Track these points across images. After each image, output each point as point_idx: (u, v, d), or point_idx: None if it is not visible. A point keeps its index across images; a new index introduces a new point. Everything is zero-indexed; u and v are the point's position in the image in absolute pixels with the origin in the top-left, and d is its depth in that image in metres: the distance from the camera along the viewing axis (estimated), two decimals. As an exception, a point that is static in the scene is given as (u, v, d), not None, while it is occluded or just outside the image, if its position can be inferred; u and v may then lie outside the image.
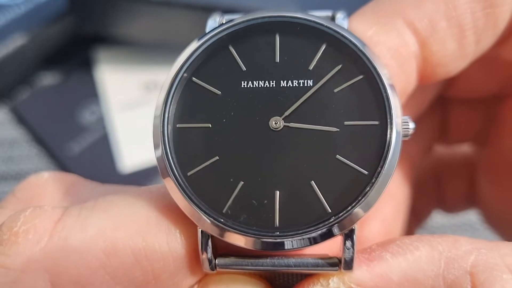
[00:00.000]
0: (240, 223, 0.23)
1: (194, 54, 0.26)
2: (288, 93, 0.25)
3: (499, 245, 0.24)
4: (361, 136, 0.24)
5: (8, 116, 0.70)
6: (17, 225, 0.23)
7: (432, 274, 0.23)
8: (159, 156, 0.25)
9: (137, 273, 0.23)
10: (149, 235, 0.23)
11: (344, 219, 0.23)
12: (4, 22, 0.68)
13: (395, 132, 0.24)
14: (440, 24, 0.28)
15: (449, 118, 0.42)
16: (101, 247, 0.23)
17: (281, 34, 0.26)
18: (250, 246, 0.24)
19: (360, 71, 0.25)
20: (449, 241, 0.24)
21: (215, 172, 0.24)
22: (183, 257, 0.24)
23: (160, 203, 0.24)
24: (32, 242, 0.23)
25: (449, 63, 0.29)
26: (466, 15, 0.28)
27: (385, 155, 0.24)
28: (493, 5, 0.28)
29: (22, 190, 0.30)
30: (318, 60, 0.26)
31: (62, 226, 0.23)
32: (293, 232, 0.23)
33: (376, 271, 0.24)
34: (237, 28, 0.26)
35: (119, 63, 0.74)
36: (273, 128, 0.25)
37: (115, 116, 0.69)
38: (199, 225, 0.24)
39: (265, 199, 0.24)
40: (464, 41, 0.28)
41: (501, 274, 0.23)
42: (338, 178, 0.24)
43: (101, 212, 0.24)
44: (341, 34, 0.26)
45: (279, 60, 0.26)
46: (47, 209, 0.24)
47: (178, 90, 0.25)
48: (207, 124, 0.25)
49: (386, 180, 0.24)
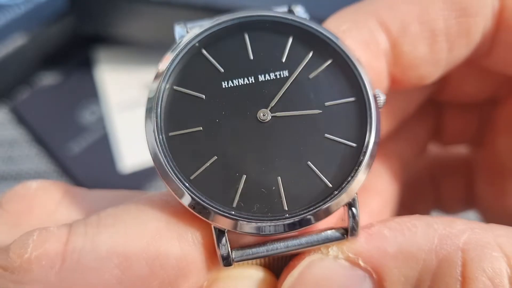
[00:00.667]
0: (254, 212, 0.25)
1: (171, 64, 0.27)
2: (268, 86, 0.27)
3: (493, 227, 0.25)
4: (342, 113, 0.27)
5: (8, 116, 0.70)
6: (27, 252, 0.23)
7: (425, 249, 0.24)
8: (160, 166, 0.25)
9: (153, 283, 0.24)
10: (161, 244, 0.24)
11: (345, 190, 0.25)
12: (4, 22, 0.68)
13: (372, 104, 0.26)
14: (412, 26, 0.29)
15: (443, 120, 0.43)
16: (115, 263, 0.23)
17: (249, 33, 0.28)
18: (265, 232, 0.25)
19: (329, 56, 0.27)
20: (445, 221, 0.26)
21: (217, 171, 0.25)
22: (197, 258, 0.25)
23: (166, 211, 0.25)
24: (46, 268, 0.23)
25: (420, 66, 0.30)
26: (439, 21, 0.29)
27: (369, 126, 0.26)
28: (466, 15, 0.29)
29: (10, 202, 0.29)
30: (288, 51, 0.27)
31: (72, 248, 0.23)
32: (301, 211, 0.25)
33: (373, 244, 0.25)
34: (207, 34, 0.27)
35: (119, 63, 0.74)
36: (262, 120, 0.26)
37: (115, 116, 0.69)
38: (213, 223, 0.25)
39: (272, 186, 0.25)
40: (435, 46, 0.30)
41: (491, 251, 0.24)
42: (331, 155, 0.26)
43: (109, 228, 0.24)
44: (305, 25, 0.28)
45: (253, 57, 0.27)
46: (53, 231, 0.24)
47: (164, 101, 0.26)
48: (199, 127, 0.26)
49: (373, 148, 0.26)
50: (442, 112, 0.43)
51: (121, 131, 0.68)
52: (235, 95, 0.27)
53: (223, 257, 0.25)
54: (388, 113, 0.36)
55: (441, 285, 0.24)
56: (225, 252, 0.25)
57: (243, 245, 0.26)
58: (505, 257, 0.24)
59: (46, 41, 0.70)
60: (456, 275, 0.24)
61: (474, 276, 0.23)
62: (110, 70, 0.73)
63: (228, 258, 0.25)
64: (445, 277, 0.24)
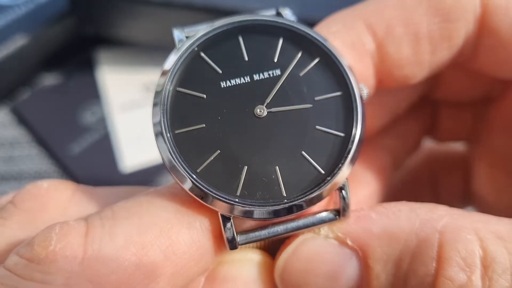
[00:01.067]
0: (257, 199, 0.27)
1: (174, 68, 0.29)
2: (262, 84, 0.29)
3: (473, 214, 0.28)
4: (331, 107, 0.29)
5: (9, 117, 0.70)
6: (52, 244, 0.25)
7: (407, 231, 0.27)
8: (168, 161, 0.28)
9: (167, 268, 0.26)
10: (172, 232, 0.26)
11: (337, 176, 0.28)
12: (5, 22, 0.69)
13: (358, 97, 0.29)
14: (397, 29, 0.31)
15: (439, 118, 0.45)
16: (132, 251, 0.25)
17: (243, 36, 0.30)
18: (266, 216, 0.27)
19: (317, 54, 0.30)
20: (428, 207, 0.28)
21: (221, 164, 0.28)
22: (206, 244, 0.27)
23: (175, 202, 0.27)
24: (70, 258, 0.25)
25: (405, 66, 0.32)
26: (422, 25, 0.31)
27: (355, 117, 0.29)
28: (448, 20, 0.31)
29: (23, 200, 0.31)
30: (280, 52, 0.30)
31: (92, 239, 0.25)
32: (298, 197, 0.27)
33: (360, 225, 0.28)
34: (205, 38, 0.30)
35: (119, 63, 0.74)
36: (258, 115, 0.29)
37: (115, 117, 0.69)
38: (220, 211, 0.27)
39: (271, 175, 0.28)
40: (419, 49, 0.32)
41: (466, 234, 0.26)
42: (323, 144, 0.29)
43: (123, 220, 0.26)
44: (294, 27, 0.30)
45: (247, 58, 0.30)
46: (73, 224, 0.26)
47: (169, 102, 0.29)
48: (202, 124, 0.28)
49: (360, 137, 0.29)
50: (437, 110, 0.44)
51: (122, 131, 0.68)
52: (233, 93, 0.29)
53: (229, 241, 0.27)
54: (380, 110, 0.39)
55: (418, 263, 0.26)
56: (230, 236, 0.27)
57: (246, 230, 0.28)
58: (478, 240, 0.26)
59: (47, 41, 0.70)
60: (433, 255, 0.26)
61: (448, 255, 0.25)
62: (111, 70, 0.73)
63: (233, 241, 0.27)
64: (422, 256, 0.26)
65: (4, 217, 0.30)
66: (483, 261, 0.25)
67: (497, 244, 0.25)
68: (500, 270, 0.25)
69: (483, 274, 0.25)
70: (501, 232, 0.26)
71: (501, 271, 0.25)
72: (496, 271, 0.25)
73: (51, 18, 0.69)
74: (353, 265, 0.28)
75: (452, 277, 0.25)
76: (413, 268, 0.26)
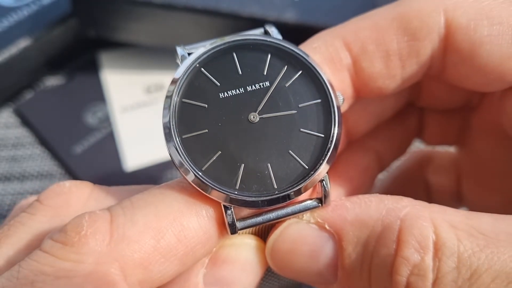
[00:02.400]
0: (253, 191, 0.32)
1: (179, 82, 0.34)
2: (254, 94, 0.34)
3: (433, 205, 0.32)
4: (312, 112, 0.34)
5: (12, 118, 0.71)
6: (83, 229, 0.29)
7: (374, 218, 0.31)
8: (178, 162, 0.32)
9: (180, 249, 0.30)
10: (184, 219, 0.31)
11: (318, 170, 0.33)
12: (8, 25, 0.69)
13: (334, 103, 0.34)
14: (370, 47, 0.36)
15: (425, 123, 0.49)
16: (151, 235, 0.30)
17: (237, 53, 0.35)
18: (261, 206, 0.32)
19: (300, 67, 0.35)
20: (395, 198, 0.32)
21: (222, 162, 0.33)
22: (211, 229, 0.32)
23: (184, 194, 0.32)
24: (99, 240, 0.29)
25: (378, 79, 0.37)
26: (393, 43, 0.36)
27: (333, 121, 0.34)
28: (415, 39, 0.36)
29: (48, 198, 0.35)
30: (268, 66, 0.35)
31: (116, 225, 0.30)
32: (287, 188, 0.32)
33: (337, 212, 0.33)
34: (205, 56, 0.34)
35: (122, 65, 0.74)
36: (252, 121, 0.33)
37: (118, 118, 0.70)
38: (223, 202, 0.32)
39: (264, 171, 0.33)
40: (389, 64, 0.37)
41: (422, 222, 0.30)
42: (306, 144, 0.33)
43: (142, 209, 0.30)
44: (280, 44, 0.35)
45: (241, 72, 0.34)
46: (99, 213, 0.30)
47: (176, 111, 0.33)
48: (205, 130, 0.33)
49: (337, 137, 0.34)
50: (423, 116, 0.49)
51: (124, 132, 0.69)
52: (231, 103, 0.34)
53: (230, 226, 0.32)
54: (365, 115, 0.44)
55: (382, 245, 0.30)
56: (231, 222, 0.32)
57: (244, 217, 0.33)
58: (432, 227, 0.30)
59: (50, 43, 0.70)
60: (393, 238, 0.30)
61: (406, 239, 0.30)
62: (114, 72, 0.74)
63: (233, 226, 0.32)
64: (385, 239, 0.30)
65: (32, 213, 0.35)
66: (435, 244, 0.29)
67: (449, 231, 0.29)
68: (449, 253, 0.29)
69: (434, 256, 0.29)
70: (454, 221, 0.30)
71: (449, 253, 0.29)
72: (445, 254, 0.29)
73: (54, 20, 0.70)
74: (330, 246, 0.33)
75: (408, 257, 0.29)
76: (377, 249, 0.31)
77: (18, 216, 0.35)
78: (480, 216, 0.30)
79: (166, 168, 0.66)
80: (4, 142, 0.69)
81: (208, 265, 0.34)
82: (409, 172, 0.52)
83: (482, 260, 0.28)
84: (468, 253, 0.29)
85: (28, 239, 0.33)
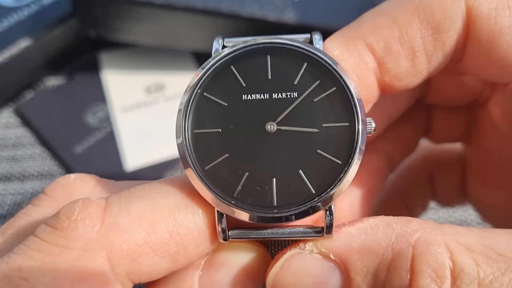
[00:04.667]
0: (249, 204, 0.30)
1: (205, 74, 0.32)
2: (279, 103, 0.32)
3: (444, 226, 0.30)
4: (335, 135, 0.31)
5: (13, 118, 0.71)
6: (74, 214, 0.29)
7: (384, 245, 0.29)
8: (183, 155, 0.31)
9: (172, 245, 0.29)
10: (178, 215, 0.30)
11: (325, 198, 0.30)
12: (8, 25, 0.69)
13: (361, 130, 0.31)
14: (394, 46, 0.34)
15: (432, 121, 0.47)
16: (143, 227, 0.29)
17: (271, 56, 0.33)
18: (255, 221, 0.30)
19: (333, 84, 0.32)
20: (403, 221, 0.30)
21: (226, 166, 0.31)
22: (205, 231, 0.30)
23: (184, 190, 0.31)
24: (89, 227, 0.28)
25: (404, 78, 0.35)
26: (417, 39, 0.34)
27: (354, 149, 0.31)
28: (440, 31, 0.34)
29: (53, 189, 0.35)
30: (301, 76, 0.32)
31: (109, 213, 0.29)
32: (287, 209, 0.30)
33: (341, 240, 0.30)
34: (237, 53, 0.33)
35: (122, 65, 0.74)
36: (269, 131, 0.31)
37: (118, 117, 0.70)
38: (216, 207, 0.30)
39: (265, 185, 0.31)
40: (416, 60, 0.35)
41: (436, 248, 0.28)
42: (319, 167, 0.31)
43: (139, 199, 0.30)
44: (318, 56, 0.32)
45: (270, 77, 0.32)
46: (94, 200, 0.30)
47: (193, 103, 0.32)
48: (218, 129, 0.31)
49: (355, 168, 0.31)
50: (431, 113, 0.47)
51: (124, 131, 0.69)
52: (251, 106, 0.32)
53: (220, 234, 0.31)
54: (380, 116, 0.42)
55: (394, 275, 0.28)
56: (222, 230, 0.31)
57: (239, 226, 0.32)
58: (448, 253, 0.28)
59: (50, 44, 0.70)
60: (406, 267, 0.28)
61: (420, 268, 0.28)
62: (114, 72, 0.74)
63: (225, 235, 0.31)
64: (397, 268, 0.28)
65: (37, 204, 0.34)
66: (453, 272, 0.27)
67: (466, 256, 0.27)
68: (468, 280, 0.27)
69: (453, 285, 0.27)
70: (469, 243, 0.28)
71: (469, 281, 0.27)
72: (464, 282, 0.27)
73: (54, 20, 0.70)
74: (336, 277, 0.30)
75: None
76: (390, 280, 0.28)
77: (23, 208, 0.35)
78: (494, 234, 0.29)
79: (167, 168, 0.66)
80: (5, 142, 0.69)
81: (204, 267, 0.33)
82: (414, 168, 0.51)
83: (505, 285, 0.26)
84: (489, 279, 0.27)
85: (31, 229, 0.32)
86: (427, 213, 0.56)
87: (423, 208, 0.52)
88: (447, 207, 0.56)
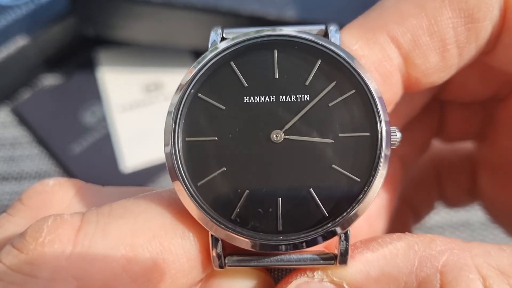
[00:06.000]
0: (249, 229, 0.26)
1: (200, 71, 0.27)
2: (287, 107, 0.27)
3: (472, 246, 0.26)
4: (354, 147, 0.26)
5: (10, 117, 0.71)
6: (42, 236, 0.24)
7: (406, 271, 0.25)
8: (171, 167, 0.26)
9: (155, 274, 0.25)
10: (165, 239, 0.25)
11: (340, 223, 0.26)
12: (5, 23, 0.69)
13: (384, 143, 0.26)
14: (422, 38, 0.29)
15: (446, 119, 0.44)
16: (122, 253, 0.24)
17: (279, 52, 0.28)
18: (256, 249, 0.26)
19: (352, 86, 0.27)
20: (425, 241, 0.26)
21: (223, 182, 0.26)
22: (196, 257, 0.26)
23: (173, 209, 0.26)
24: (57, 251, 0.24)
25: (433, 74, 0.31)
26: (448, 29, 0.29)
27: (376, 164, 0.26)
28: (474, 21, 0.29)
29: (29, 197, 0.31)
30: (313, 76, 0.27)
31: (83, 234, 0.25)
32: (294, 236, 0.26)
33: (356, 267, 0.26)
34: (238, 46, 0.28)
35: (120, 64, 0.74)
36: (274, 140, 0.26)
37: (116, 117, 0.69)
38: (210, 230, 0.26)
39: (270, 207, 0.26)
40: (446, 54, 0.30)
41: (468, 274, 0.24)
42: (334, 186, 0.26)
43: (119, 218, 0.25)
44: (334, 52, 0.27)
45: (277, 76, 0.27)
46: (67, 218, 0.25)
47: (185, 105, 0.27)
48: (214, 137, 0.27)
49: (377, 187, 0.26)
50: (445, 110, 0.44)
51: (122, 131, 0.68)
52: (254, 111, 0.27)
53: (215, 260, 0.26)
54: (397, 119, 0.37)
55: None
56: (217, 257, 0.26)
57: (238, 252, 0.27)
58: (481, 279, 0.24)
59: (47, 42, 0.70)
60: None
61: None
62: (111, 71, 0.73)
63: (220, 262, 0.26)
64: None
65: (11, 214, 0.30)
66: None
67: (500, 281, 0.24)
68: None
69: None
70: (503, 266, 0.25)
71: None
72: None
73: (51, 18, 0.69)
74: None
75: None
76: None
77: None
78: None
79: (165, 168, 0.65)
80: (2, 141, 0.69)
81: None
82: (421, 168, 0.48)
83: None
84: None
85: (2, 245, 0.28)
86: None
87: (429, 208, 0.50)
88: (453, 208, 0.55)
